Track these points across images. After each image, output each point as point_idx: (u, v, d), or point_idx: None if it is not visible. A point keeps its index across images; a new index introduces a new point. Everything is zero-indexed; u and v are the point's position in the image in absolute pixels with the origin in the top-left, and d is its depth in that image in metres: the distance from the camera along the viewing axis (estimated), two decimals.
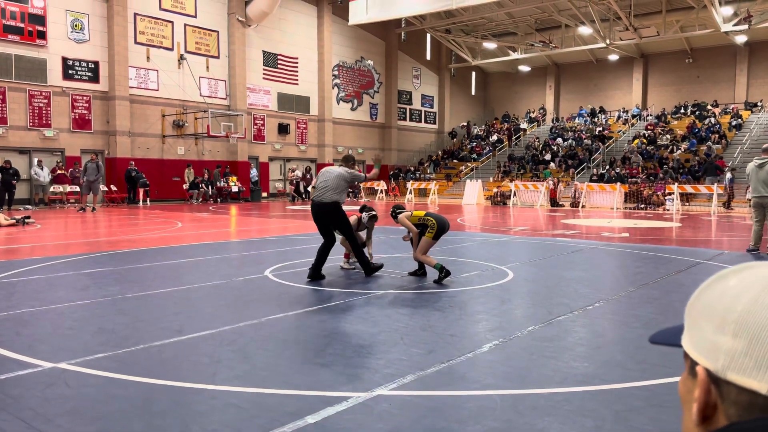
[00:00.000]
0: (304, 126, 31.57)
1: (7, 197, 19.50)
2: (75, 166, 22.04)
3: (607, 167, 28.13)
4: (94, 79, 23.45)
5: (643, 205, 22.55)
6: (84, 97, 23.19)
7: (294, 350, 4.32)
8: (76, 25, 22.88)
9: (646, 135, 31.37)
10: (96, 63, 23.45)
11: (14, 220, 14.13)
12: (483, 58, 37.63)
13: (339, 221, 7.28)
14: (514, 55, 35.60)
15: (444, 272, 6.90)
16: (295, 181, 28.11)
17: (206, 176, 25.91)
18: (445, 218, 7.35)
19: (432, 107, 39.82)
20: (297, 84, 30.97)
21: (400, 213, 7.43)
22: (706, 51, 34.40)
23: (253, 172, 28.20)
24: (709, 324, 0.66)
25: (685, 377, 0.71)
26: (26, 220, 14.28)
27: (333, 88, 32.80)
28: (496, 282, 7.07)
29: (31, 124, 21.90)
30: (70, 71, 22.79)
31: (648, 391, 3.54)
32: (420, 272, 7.42)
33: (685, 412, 0.70)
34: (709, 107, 33.03)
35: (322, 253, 7.14)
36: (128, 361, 4.01)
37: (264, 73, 29.34)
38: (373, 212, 8.10)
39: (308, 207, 16.35)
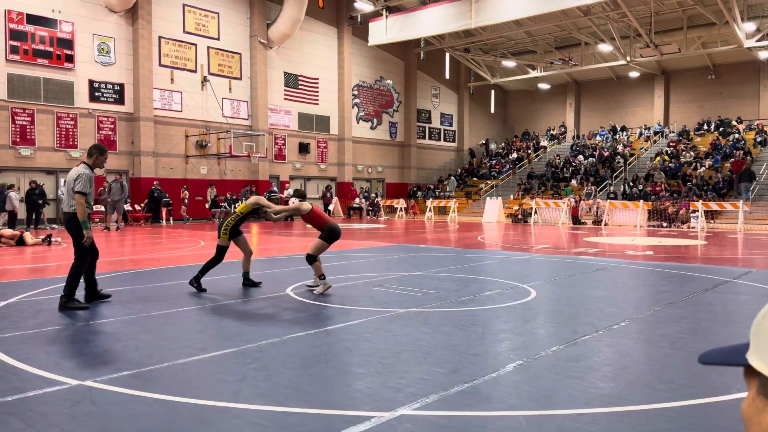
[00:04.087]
0: (324, 145, 31.82)
1: (34, 217, 19.90)
2: (103, 186, 22.43)
3: (630, 184, 27.85)
4: (120, 100, 23.95)
5: (666, 223, 22.25)
6: (109, 119, 23.68)
7: (316, 368, 4.31)
8: (102, 49, 23.45)
9: (669, 152, 31.05)
10: (121, 85, 23.96)
11: (39, 240, 14.40)
12: (502, 76, 37.72)
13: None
14: (533, 73, 35.63)
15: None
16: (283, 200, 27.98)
17: (229, 196, 26.09)
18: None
19: (451, 125, 39.92)
20: (317, 104, 31.30)
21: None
22: (729, 67, 34.08)
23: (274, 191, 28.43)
24: None
25: (754, 397, 0.69)
26: (51, 239, 14.53)
27: (353, 107, 33.08)
28: (519, 300, 7.01)
29: (58, 145, 22.39)
30: (97, 93, 23.31)
31: (676, 412, 3.47)
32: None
33: None
34: (733, 123, 32.63)
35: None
36: (152, 379, 4.04)
37: (285, 94, 29.72)
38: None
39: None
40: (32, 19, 21.50)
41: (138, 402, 3.60)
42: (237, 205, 26.02)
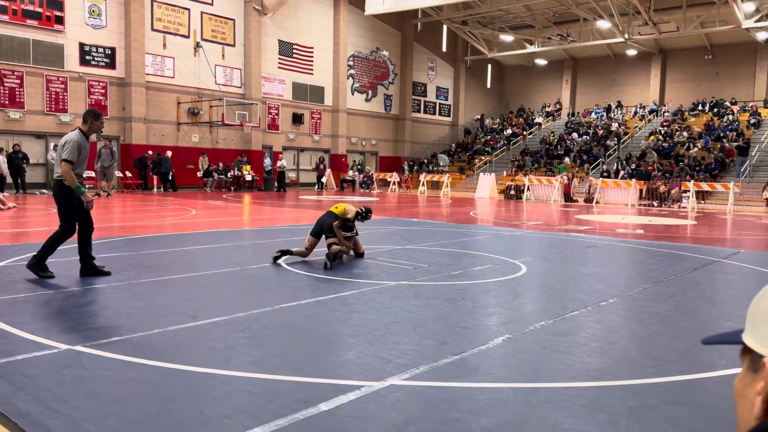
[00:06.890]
0: (318, 116, 31.57)
1: (20, 181, 19.76)
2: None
3: (623, 163, 27.88)
4: (111, 65, 23.58)
5: (657, 203, 22.36)
6: (100, 83, 23.33)
7: (307, 338, 4.33)
8: (93, 11, 22.98)
9: (662, 132, 31.05)
10: (113, 49, 23.56)
11: (13, 206, 14.23)
12: (499, 50, 37.38)
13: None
14: (530, 48, 35.32)
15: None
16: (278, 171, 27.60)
17: (221, 165, 26.01)
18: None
19: (446, 99, 39.66)
20: (312, 74, 30.95)
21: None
22: (726, 47, 33.94)
23: (267, 161, 28.27)
24: None
25: (744, 374, 0.75)
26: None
27: (348, 78, 32.75)
28: (509, 276, 7.05)
29: (47, 109, 22.08)
30: (87, 57, 22.92)
31: (662, 388, 3.52)
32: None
33: (741, 406, 0.74)
34: (727, 104, 32.62)
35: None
36: (143, 345, 4.05)
37: (279, 63, 29.35)
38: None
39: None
40: None
41: (129, 367, 3.61)
42: (230, 174, 25.88)
